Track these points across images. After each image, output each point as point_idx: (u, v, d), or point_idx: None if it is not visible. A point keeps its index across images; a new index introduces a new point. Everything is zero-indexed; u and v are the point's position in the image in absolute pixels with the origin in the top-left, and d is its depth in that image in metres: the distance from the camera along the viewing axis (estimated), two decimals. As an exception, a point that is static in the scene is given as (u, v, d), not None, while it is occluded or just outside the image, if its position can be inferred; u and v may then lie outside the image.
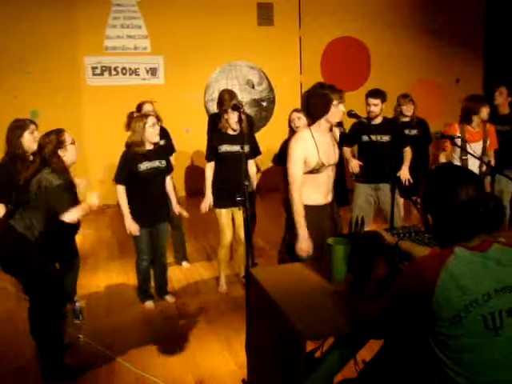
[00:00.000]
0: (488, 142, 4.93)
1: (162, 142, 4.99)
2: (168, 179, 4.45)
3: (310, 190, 3.42)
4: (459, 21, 9.02)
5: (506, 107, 5.42)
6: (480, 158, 4.58)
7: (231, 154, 4.41)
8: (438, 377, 1.67)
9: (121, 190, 4.15)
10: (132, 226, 4.15)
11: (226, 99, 5.05)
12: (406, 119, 5.35)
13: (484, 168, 4.75)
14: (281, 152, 4.75)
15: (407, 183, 4.82)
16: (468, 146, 4.76)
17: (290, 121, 4.50)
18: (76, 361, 3.54)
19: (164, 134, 5.10)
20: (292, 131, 4.41)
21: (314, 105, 3.35)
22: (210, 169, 4.55)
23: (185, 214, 4.57)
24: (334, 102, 3.27)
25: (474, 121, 4.90)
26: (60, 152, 3.42)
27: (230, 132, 4.45)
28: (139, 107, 5.14)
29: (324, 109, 3.30)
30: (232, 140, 4.42)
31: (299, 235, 3.34)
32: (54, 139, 3.42)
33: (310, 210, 3.41)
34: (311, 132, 3.38)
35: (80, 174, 7.49)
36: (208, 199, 4.52)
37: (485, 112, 4.89)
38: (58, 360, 3.37)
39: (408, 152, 4.94)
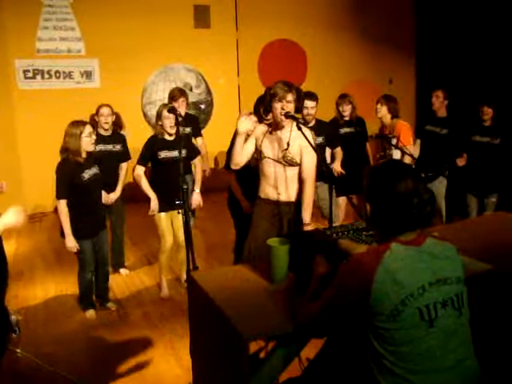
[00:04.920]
0: (395, 139, 5.00)
1: (118, 147, 5.02)
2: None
3: (263, 183, 3.56)
4: (391, 22, 9.29)
5: (443, 111, 5.49)
6: (412, 155, 4.74)
7: (171, 160, 4.37)
8: (378, 369, 1.72)
9: (63, 204, 3.94)
10: (71, 244, 4.00)
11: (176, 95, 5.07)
12: (346, 118, 5.47)
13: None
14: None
15: (339, 175, 5.03)
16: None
17: None
18: (14, 377, 3.41)
19: (121, 139, 5.09)
20: None
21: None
22: (142, 172, 4.44)
23: None
24: (274, 99, 3.35)
25: (381, 119, 5.16)
26: None
27: (167, 137, 4.40)
28: (97, 111, 4.98)
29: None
30: (170, 145, 4.38)
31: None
32: None
33: (261, 201, 3.57)
34: (266, 125, 3.55)
35: (14, 180, 7.23)
36: (155, 200, 4.42)
37: (377, 109, 5.14)
38: None
39: (339, 151, 5.16)
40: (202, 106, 8.66)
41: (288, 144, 3.41)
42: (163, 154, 4.39)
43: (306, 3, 8.84)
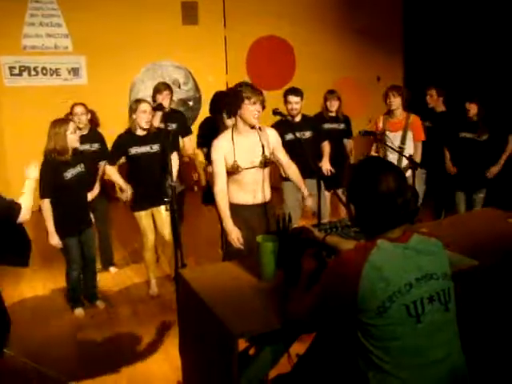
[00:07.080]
0: (410, 133, 4.93)
1: (96, 146, 4.94)
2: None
3: (235, 189, 3.49)
4: (379, 20, 9.30)
5: (440, 106, 5.75)
6: (401, 153, 4.73)
7: (144, 155, 4.33)
8: (366, 364, 1.72)
9: (46, 203, 3.94)
10: (54, 241, 4.00)
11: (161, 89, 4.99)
12: (332, 114, 5.50)
13: (405, 163, 4.83)
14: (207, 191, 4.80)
15: (329, 173, 5.01)
16: (387, 135, 4.94)
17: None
18: (2, 377, 3.38)
19: (98, 137, 5.03)
20: None
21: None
22: (113, 170, 4.48)
23: None
24: (246, 101, 3.32)
25: (394, 111, 4.98)
26: None
27: (139, 133, 4.35)
28: (71, 110, 4.95)
29: (236, 106, 3.37)
30: (141, 141, 4.33)
31: (226, 228, 3.39)
32: None
33: (235, 208, 3.47)
34: (232, 133, 3.44)
35: (0, 178, 7.14)
36: (129, 190, 4.39)
37: (392, 101, 4.94)
38: None
39: (326, 146, 5.17)
40: (190, 103, 8.63)
41: (263, 146, 3.44)
42: (133, 151, 4.33)
43: (294, 0, 8.85)
